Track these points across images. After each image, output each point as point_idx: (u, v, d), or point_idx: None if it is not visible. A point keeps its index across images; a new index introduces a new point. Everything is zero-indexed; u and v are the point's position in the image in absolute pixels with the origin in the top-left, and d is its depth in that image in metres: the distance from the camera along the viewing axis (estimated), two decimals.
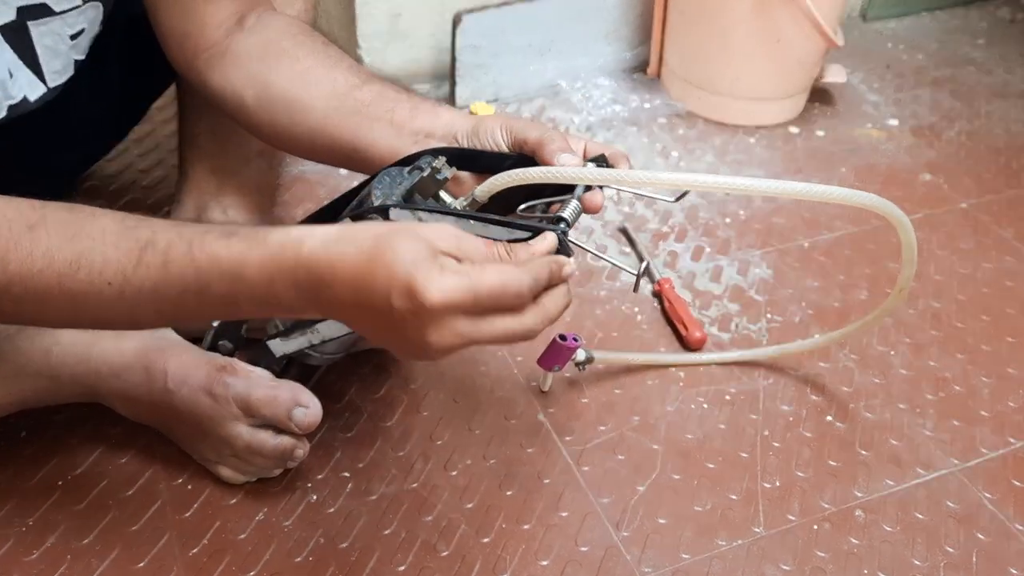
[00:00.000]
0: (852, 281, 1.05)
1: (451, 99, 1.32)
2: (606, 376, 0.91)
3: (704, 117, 1.34)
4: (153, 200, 1.09)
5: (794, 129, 1.34)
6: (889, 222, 0.66)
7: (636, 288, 0.72)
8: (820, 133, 1.33)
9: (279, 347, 0.73)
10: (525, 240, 0.57)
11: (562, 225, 0.59)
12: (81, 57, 0.75)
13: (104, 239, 0.55)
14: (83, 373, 0.74)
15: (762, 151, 1.28)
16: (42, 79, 0.72)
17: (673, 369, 0.92)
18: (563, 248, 0.57)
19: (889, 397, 0.91)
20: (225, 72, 0.75)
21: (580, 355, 0.83)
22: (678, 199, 0.70)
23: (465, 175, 0.67)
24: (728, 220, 1.14)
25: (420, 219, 0.59)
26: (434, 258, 0.50)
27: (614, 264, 0.61)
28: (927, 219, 1.16)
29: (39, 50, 0.71)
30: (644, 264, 0.60)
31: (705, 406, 0.89)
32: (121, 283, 0.54)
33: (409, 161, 0.66)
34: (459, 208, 0.64)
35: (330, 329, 0.70)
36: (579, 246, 0.60)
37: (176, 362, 0.73)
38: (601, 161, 0.65)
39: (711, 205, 1.16)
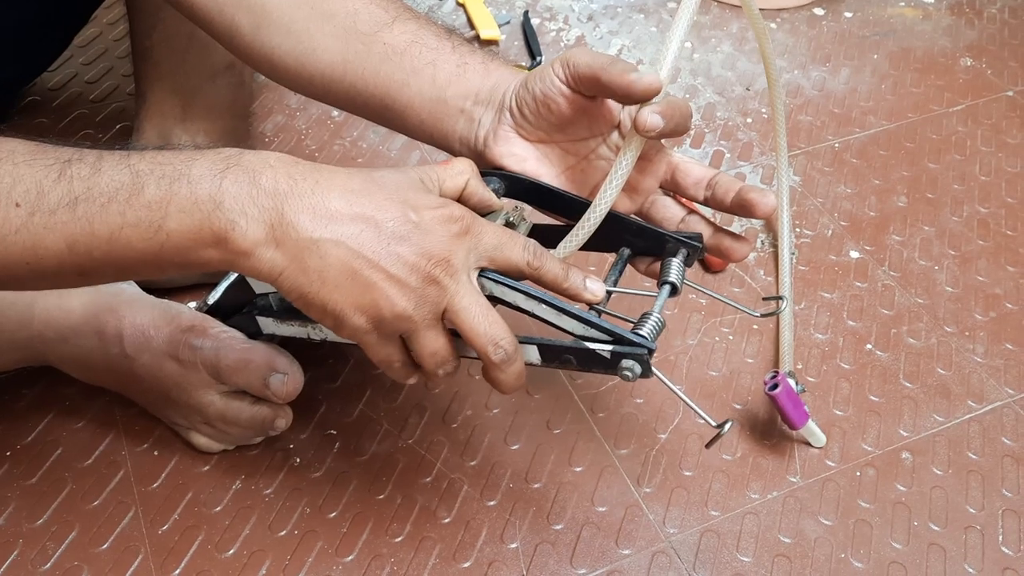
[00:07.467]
0: (889, 186, 0.94)
1: None
2: (618, 305, 0.81)
3: (719, 0, 1.20)
4: (103, 116, 0.97)
5: (819, 11, 1.20)
6: (927, 117, 0.56)
7: (709, 446, 0.66)
8: (848, 15, 1.20)
9: (269, 326, 0.62)
10: (604, 344, 0.52)
11: (647, 344, 0.52)
12: None
13: (14, 159, 0.45)
14: (25, 339, 0.65)
15: (784, 37, 1.15)
16: None
17: (693, 296, 0.82)
18: (645, 370, 0.51)
19: (935, 320, 0.82)
20: None
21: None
22: (765, 315, 0.61)
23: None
24: (749, 120, 1.02)
25: (484, 284, 0.51)
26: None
27: (694, 409, 0.54)
28: (969, 110, 1.04)
29: None
30: (727, 424, 0.52)
31: (731, 337, 0.79)
32: (34, 202, 0.45)
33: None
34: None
35: None
36: (662, 380, 0.53)
37: (132, 323, 0.63)
38: (697, 241, 0.58)
39: (729, 103, 1.04)
